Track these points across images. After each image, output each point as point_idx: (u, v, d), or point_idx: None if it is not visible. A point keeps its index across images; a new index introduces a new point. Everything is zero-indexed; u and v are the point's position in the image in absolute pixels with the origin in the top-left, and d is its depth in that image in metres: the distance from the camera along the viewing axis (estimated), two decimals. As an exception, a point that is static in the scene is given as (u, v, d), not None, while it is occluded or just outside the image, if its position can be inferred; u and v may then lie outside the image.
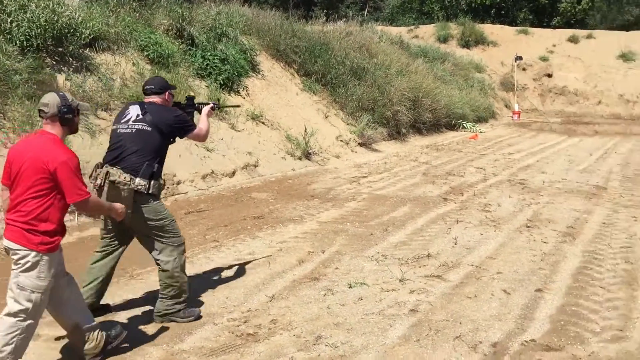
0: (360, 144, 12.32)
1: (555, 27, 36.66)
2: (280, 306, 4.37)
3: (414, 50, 20.67)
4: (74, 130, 3.39)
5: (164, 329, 3.93)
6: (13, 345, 3.07)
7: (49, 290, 3.17)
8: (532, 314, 4.30)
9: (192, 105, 4.56)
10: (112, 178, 3.76)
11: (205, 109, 4.49)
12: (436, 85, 16.50)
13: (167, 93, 4.20)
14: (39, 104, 3.25)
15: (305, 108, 12.30)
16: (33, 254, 3.08)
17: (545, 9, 44.18)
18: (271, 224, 6.68)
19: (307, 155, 10.70)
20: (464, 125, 16.74)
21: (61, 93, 3.31)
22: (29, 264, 3.08)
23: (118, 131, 3.99)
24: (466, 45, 27.13)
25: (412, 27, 30.09)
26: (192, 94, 8.68)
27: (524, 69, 25.79)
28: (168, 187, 7.47)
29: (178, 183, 7.91)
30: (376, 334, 3.93)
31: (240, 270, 5.12)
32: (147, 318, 4.09)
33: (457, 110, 16.92)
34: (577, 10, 42.42)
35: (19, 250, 3.08)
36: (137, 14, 10.20)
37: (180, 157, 8.09)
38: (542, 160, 11.70)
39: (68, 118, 3.24)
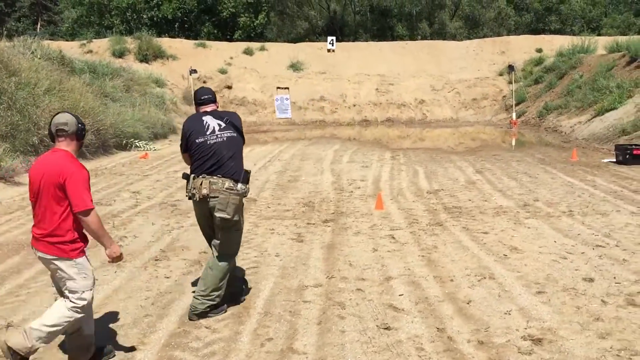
0: (-3, 179, 10.34)
1: (237, 41, 38.17)
2: None
3: (79, 66, 18.87)
4: (81, 145, 3.70)
5: None
6: (60, 328, 3.50)
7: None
8: (108, 388, 3.48)
9: None
10: (215, 187, 4.21)
11: None
12: (99, 104, 15.14)
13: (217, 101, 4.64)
14: (56, 124, 3.53)
15: None
16: (69, 261, 3.47)
17: (227, 23, 45.91)
18: None
19: None
20: (137, 144, 15.71)
21: (70, 113, 3.62)
22: (70, 271, 3.48)
23: (208, 142, 4.32)
24: (145, 59, 26.13)
25: (85, 41, 27.85)
26: None
27: (204, 82, 25.92)
28: None
29: None
30: None
31: None
32: None
33: (128, 129, 15.81)
34: (255, 24, 44.99)
35: (55, 260, 3.47)
36: None
37: None
38: (206, 176, 11.34)
39: (84, 134, 3.67)
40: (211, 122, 4.40)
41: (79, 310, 3.51)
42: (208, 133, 4.35)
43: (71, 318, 3.50)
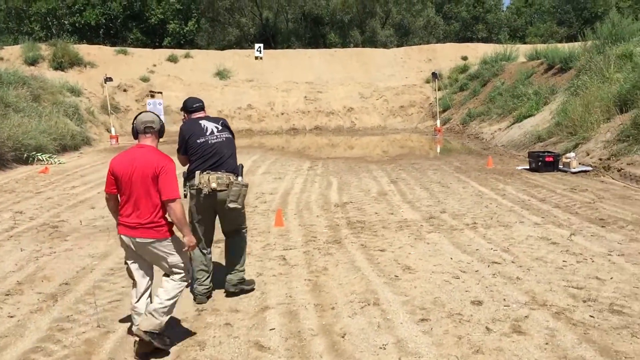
0: None
1: (167, 47, 37.10)
2: None
3: (-20, 74, 17.55)
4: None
5: None
6: (177, 299, 4.05)
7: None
8: None
9: None
10: (221, 181, 4.71)
11: None
12: (-4, 115, 14.03)
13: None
14: (144, 122, 4.03)
15: None
16: (167, 240, 3.97)
17: (156, 29, 44.64)
18: None
19: None
20: (40, 157, 14.64)
21: (152, 112, 4.19)
22: (169, 247, 3.99)
23: (209, 142, 4.81)
24: (60, 67, 24.76)
25: (-5, 48, 26.23)
26: None
27: (125, 90, 24.90)
28: None
29: None
30: None
31: None
32: None
33: (30, 141, 14.73)
34: (185, 31, 43.95)
35: (154, 242, 3.94)
36: None
37: None
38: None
39: (164, 132, 4.16)
40: (208, 125, 4.92)
41: (184, 278, 4.09)
42: (208, 134, 4.84)
43: (182, 287, 4.08)
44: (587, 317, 4.37)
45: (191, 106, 5.04)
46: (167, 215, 3.95)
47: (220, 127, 4.94)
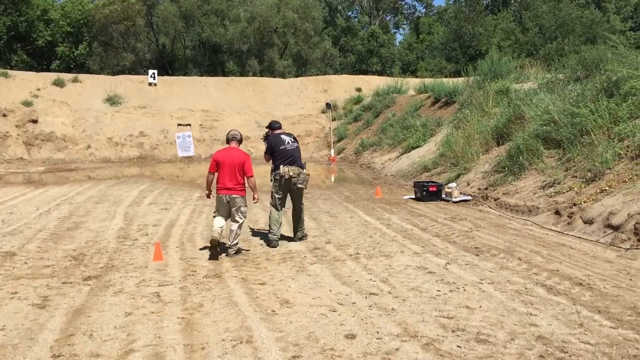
0: None
1: (56, 71, 35.29)
2: None
3: None
4: None
5: None
6: (240, 237, 7.63)
7: None
8: None
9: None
10: (294, 172, 7.86)
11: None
12: None
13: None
14: (232, 135, 7.54)
15: None
16: (243, 197, 7.39)
17: (44, 52, 42.41)
18: None
19: None
20: None
21: (236, 130, 7.78)
22: (243, 202, 7.39)
23: (287, 149, 7.89)
24: None
25: None
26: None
27: (4, 115, 23.27)
28: None
29: None
30: None
31: None
32: None
33: None
34: (76, 54, 42.09)
35: (238, 197, 7.33)
36: None
37: None
38: (-32, 225, 9.64)
39: (242, 141, 7.72)
40: (286, 138, 7.96)
41: (243, 220, 7.56)
42: (286, 143, 7.90)
43: (241, 226, 7.55)
44: (455, 348, 4.45)
45: (274, 126, 8.14)
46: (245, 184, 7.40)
47: (292, 140, 8.01)
